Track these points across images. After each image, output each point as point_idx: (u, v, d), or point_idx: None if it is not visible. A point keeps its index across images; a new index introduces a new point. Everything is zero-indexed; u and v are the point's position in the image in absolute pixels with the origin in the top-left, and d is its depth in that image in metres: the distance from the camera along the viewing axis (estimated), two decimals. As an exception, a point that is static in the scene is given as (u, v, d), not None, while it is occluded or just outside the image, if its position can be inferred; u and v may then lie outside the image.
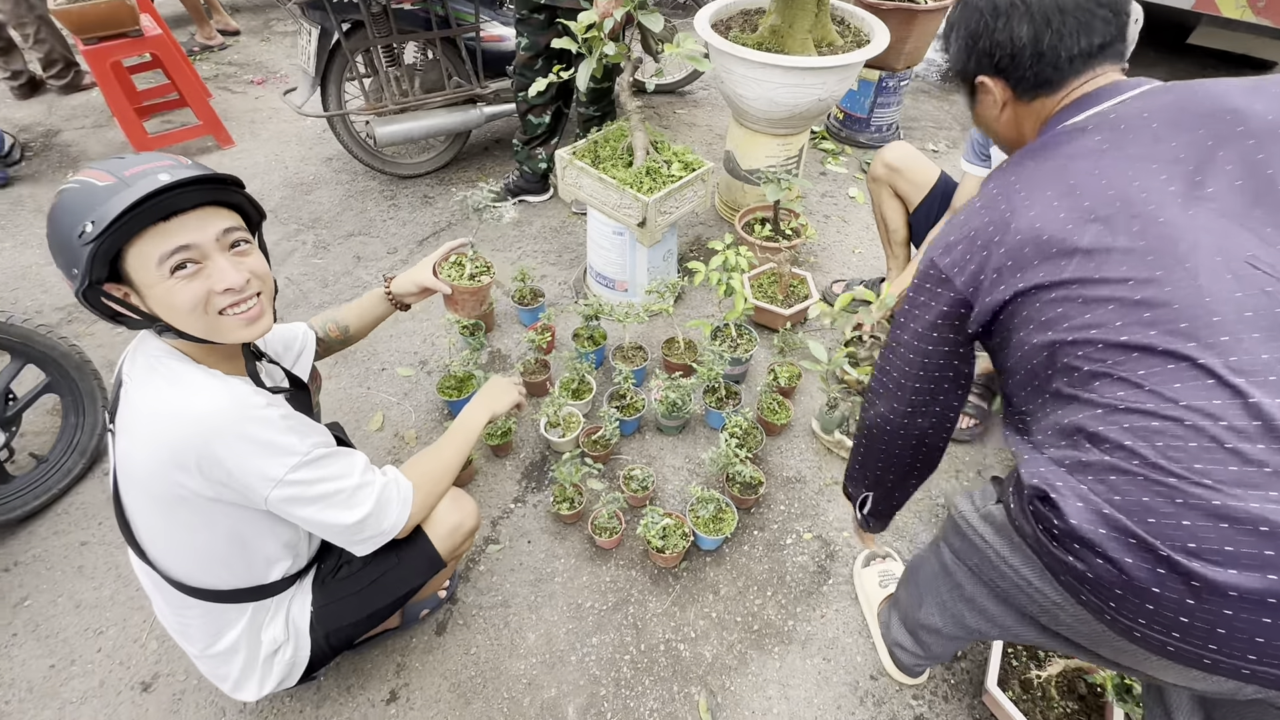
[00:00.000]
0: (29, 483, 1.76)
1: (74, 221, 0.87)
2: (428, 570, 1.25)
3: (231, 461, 0.95)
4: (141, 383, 0.97)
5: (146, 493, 1.00)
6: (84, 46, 2.80)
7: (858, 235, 2.81)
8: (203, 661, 1.17)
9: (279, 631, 1.18)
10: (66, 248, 0.89)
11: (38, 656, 1.52)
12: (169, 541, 1.05)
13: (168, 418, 0.94)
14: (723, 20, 2.61)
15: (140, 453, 0.96)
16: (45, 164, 3.21)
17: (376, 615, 1.25)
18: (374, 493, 1.10)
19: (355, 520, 1.07)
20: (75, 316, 2.40)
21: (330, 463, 1.05)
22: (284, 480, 0.99)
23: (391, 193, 3.02)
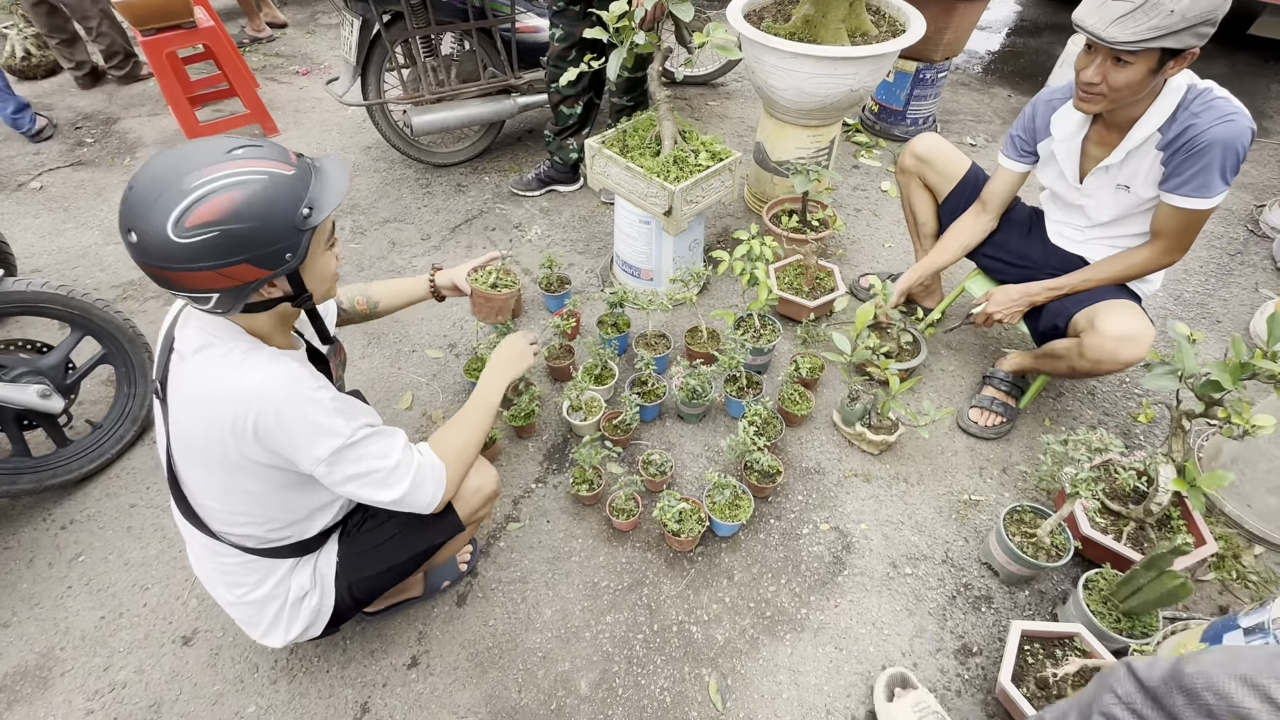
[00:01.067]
0: (85, 447, 1.88)
1: (289, 208, 0.94)
2: (448, 530, 1.31)
3: (284, 436, 1.01)
4: (202, 356, 1.01)
5: (204, 459, 1.06)
6: (142, 38, 2.94)
7: (889, 229, 2.78)
8: (237, 608, 1.24)
9: (306, 579, 1.25)
10: (281, 234, 0.94)
11: (90, 608, 1.63)
12: (224, 504, 1.12)
13: (229, 391, 0.98)
14: (755, 10, 2.59)
15: (200, 423, 1.02)
16: (105, 150, 3.38)
17: (396, 569, 1.31)
18: (410, 473, 1.15)
19: (392, 499, 1.14)
20: (130, 294, 2.53)
21: (372, 443, 1.10)
22: (327, 460, 1.05)
23: (426, 181, 3.10)
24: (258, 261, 0.93)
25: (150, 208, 0.87)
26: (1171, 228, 1.53)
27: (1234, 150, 1.38)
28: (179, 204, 0.87)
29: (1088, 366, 1.62)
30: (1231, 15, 4.03)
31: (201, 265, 0.90)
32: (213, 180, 0.88)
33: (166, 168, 0.89)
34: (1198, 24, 1.27)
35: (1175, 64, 1.34)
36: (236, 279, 0.93)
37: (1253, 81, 3.80)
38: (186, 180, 0.88)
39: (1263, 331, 2.23)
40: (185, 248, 0.88)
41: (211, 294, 0.94)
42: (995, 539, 1.61)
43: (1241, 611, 1.30)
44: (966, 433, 1.95)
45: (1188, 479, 1.45)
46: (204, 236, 0.88)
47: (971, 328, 2.24)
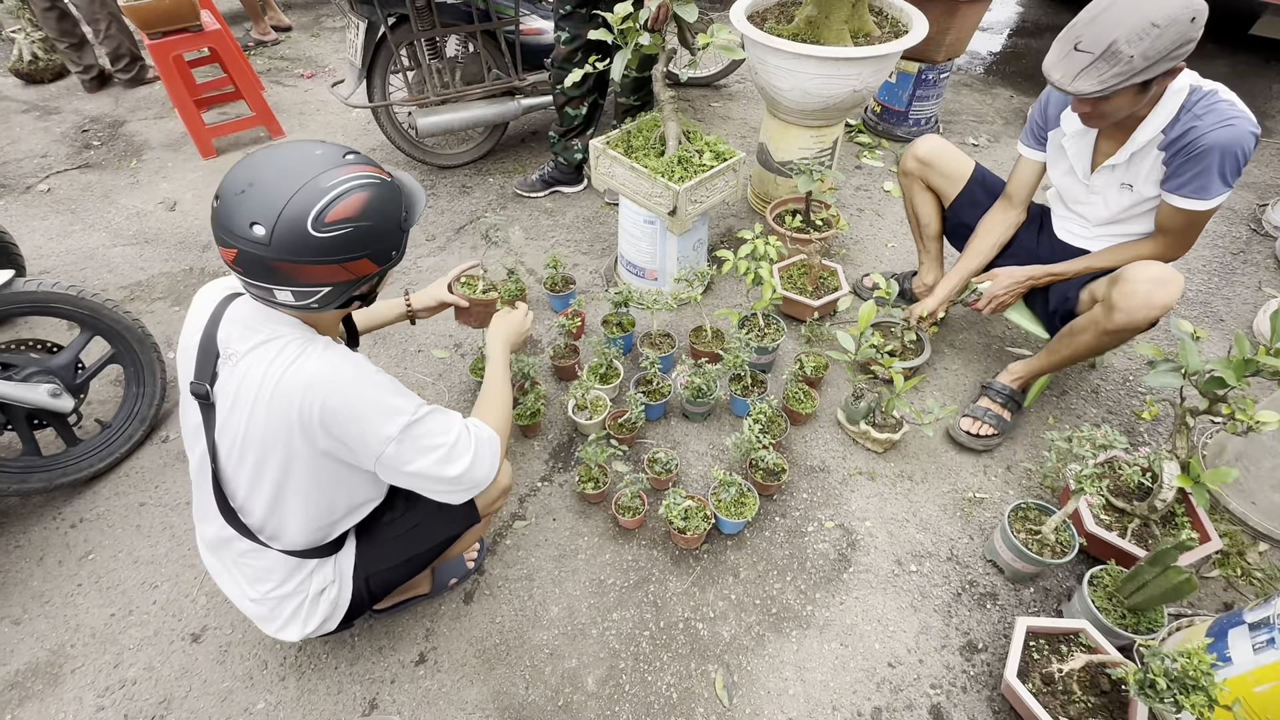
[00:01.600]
0: (94, 446, 1.89)
1: (397, 210, 1.04)
2: (464, 521, 1.33)
3: (351, 419, 1.03)
4: (257, 354, 1.03)
5: (261, 459, 1.06)
6: (149, 41, 2.96)
7: (892, 229, 2.79)
8: (261, 604, 1.24)
9: (329, 572, 1.26)
10: (389, 234, 1.03)
11: (99, 605, 1.64)
12: (271, 508, 1.13)
13: (293, 382, 1.01)
14: (759, 12, 2.61)
15: (260, 420, 1.02)
16: (112, 152, 3.40)
17: (414, 561, 1.32)
18: (471, 446, 1.17)
19: (458, 473, 1.14)
20: (137, 295, 2.55)
21: (433, 419, 1.13)
22: (397, 438, 1.07)
23: (431, 182, 3.11)
24: (375, 257, 1.02)
25: (288, 203, 0.92)
26: (1173, 226, 1.54)
27: (1233, 154, 1.39)
28: (320, 200, 0.93)
29: (1120, 321, 1.53)
30: (1233, 15, 4.07)
31: (331, 259, 0.97)
32: (346, 180, 0.96)
33: (295, 166, 0.94)
34: (1161, 59, 1.29)
35: (1161, 81, 1.35)
36: (355, 273, 1.01)
37: (1254, 81, 3.81)
38: (323, 179, 0.94)
39: (1266, 329, 2.23)
40: (323, 241, 0.94)
41: (322, 288, 1.00)
42: (1000, 536, 1.61)
43: (1246, 608, 1.30)
44: (955, 442, 1.91)
45: (1192, 475, 1.46)
46: (340, 232, 0.95)
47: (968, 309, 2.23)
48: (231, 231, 0.93)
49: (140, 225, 2.91)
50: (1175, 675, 1.11)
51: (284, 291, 1.00)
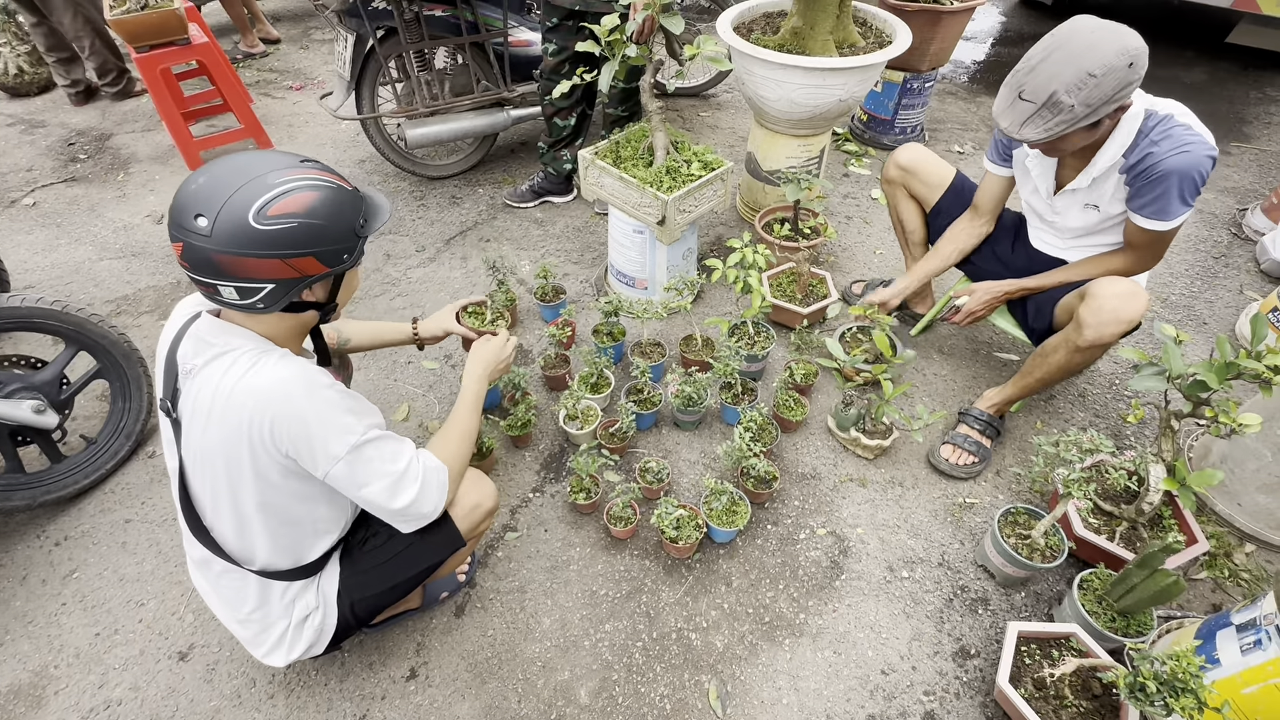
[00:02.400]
0: (79, 463, 1.87)
1: (352, 216, 1.05)
2: (448, 547, 1.31)
3: (301, 433, 1.03)
4: (212, 366, 1.03)
5: (219, 474, 1.06)
6: (136, 54, 2.96)
7: (879, 236, 2.81)
8: (245, 625, 1.24)
9: (312, 599, 1.25)
10: (342, 236, 1.04)
11: (84, 625, 1.61)
12: (236, 525, 1.12)
13: (244, 394, 1.00)
14: (745, 23, 2.64)
15: (215, 433, 1.02)
16: (99, 166, 3.39)
17: (398, 588, 1.31)
18: (418, 478, 1.16)
19: (402, 505, 1.15)
20: (123, 309, 2.53)
21: (382, 445, 1.12)
22: (345, 458, 1.06)
23: (421, 193, 3.11)
24: (321, 257, 1.02)
25: (231, 196, 0.93)
26: (1139, 242, 1.58)
27: (1190, 178, 1.42)
28: (263, 195, 0.94)
29: (1090, 338, 1.55)
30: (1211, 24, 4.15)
31: (273, 253, 0.96)
32: (294, 179, 0.98)
33: (244, 165, 0.97)
34: (1103, 104, 1.32)
35: (1113, 117, 1.37)
36: (299, 270, 1.01)
37: (1233, 88, 3.88)
38: (270, 177, 0.96)
39: (1248, 332, 2.26)
40: (263, 234, 0.95)
41: (266, 284, 0.99)
42: (990, 541, 1.62)
43: (1233, 609, 1.31)
44: (936, 469, 1.90)
45: (1178, 478, 1.47)
46: (282, 226, 0.96)
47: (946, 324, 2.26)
48: (179, 224, 0.95)
49: (127, 238, 2.89)
50: (1165, 678, 1.12)
51: (228, 288, 0.99)
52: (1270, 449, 1.64)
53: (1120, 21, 1.38)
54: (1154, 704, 1.13)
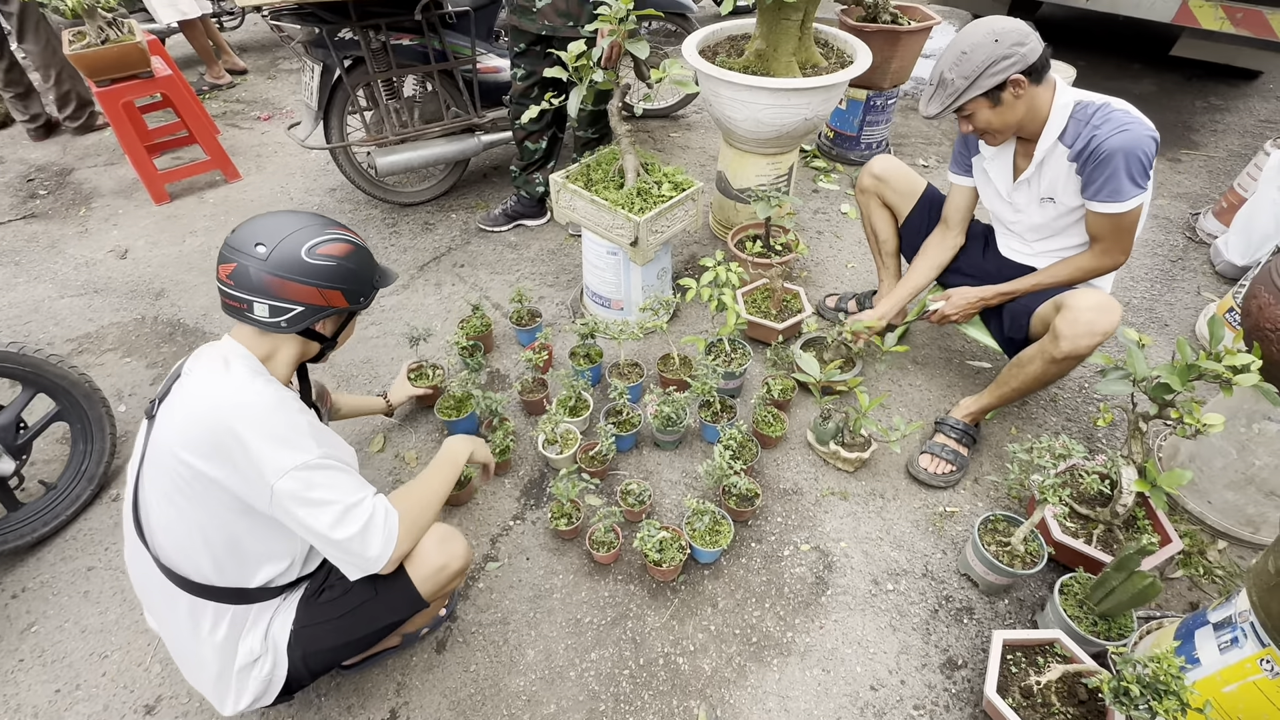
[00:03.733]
0: (38, 510, 1.80)
1: (372, 271, 1.29)
2: (407, 609, 1.25)
3: (250, 441, 1.04)
4: (204, 373, 1.12)
5: (162, 469, 1.09)
6: (97, 89, 2.91)
7: (850, 250, 2.85)
8: (183, 662, 1.20)
9: (256, 644, 1.19)
10: (363, 282, 1.26)
11: (43, 681, 1.54)
12: (170, 524, 1.11)
13: (208, 399, 1.07)
14: (710, 46, 2.69)
15: (168, 430, 1.08)
16: (59, 201, 3.31)
17: (353, 645, 1.26)
18: (364, 516, 1.12)
19: (341, 538, 1.10)
20: (85, 347, 2.46)
21: (334, 474, 1.11)
22: (290, 473, 1.05)
23: (393, 220, 3.09)
24: (346, 294, 1.22)
25: (291, 233, 1.15)
26: (1101, 231, 1.62)
27: (1135, 155, 1.48)
28: (316, 237, 1.18)
29: (1066, 349, 1.59)
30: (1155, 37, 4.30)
31: (312, 281, 1.16)
32: (341, 233, 1.23)
33: (299, 217, 1.19)
34: (981, 75, 1.52)
35: (1010, 90, 1.54)
36: (328, 300, 1.20)
37: (1179, 98, 4.05)
38: (322, 227, 1.20)
39: (1207, 333, 2.33)
40: (310, 265, 1.16)
41: (297, 306, 1.16)
42: (972, 549, 1.63)
43: (1210, 607, 1.33)
44: (915, 479, 1.91)
45: (1149, 479, 1.50)
46: (325, 263, 1.18)
47: (921, 328, 2.30)
48: (236, 249, 1.13)
49: (89, 275, 2.82)
50: (1147, 681, 1.12)
51: (263, 305, 1.14)
52: (1235, 446, 1.68)
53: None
54: (1138, 708, 1.13)
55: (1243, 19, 3.22)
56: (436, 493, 1.30)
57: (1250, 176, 2.67)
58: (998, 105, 1.56)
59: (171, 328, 2.54)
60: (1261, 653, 1.15)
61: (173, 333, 2.52)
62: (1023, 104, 1.56)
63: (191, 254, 2.93)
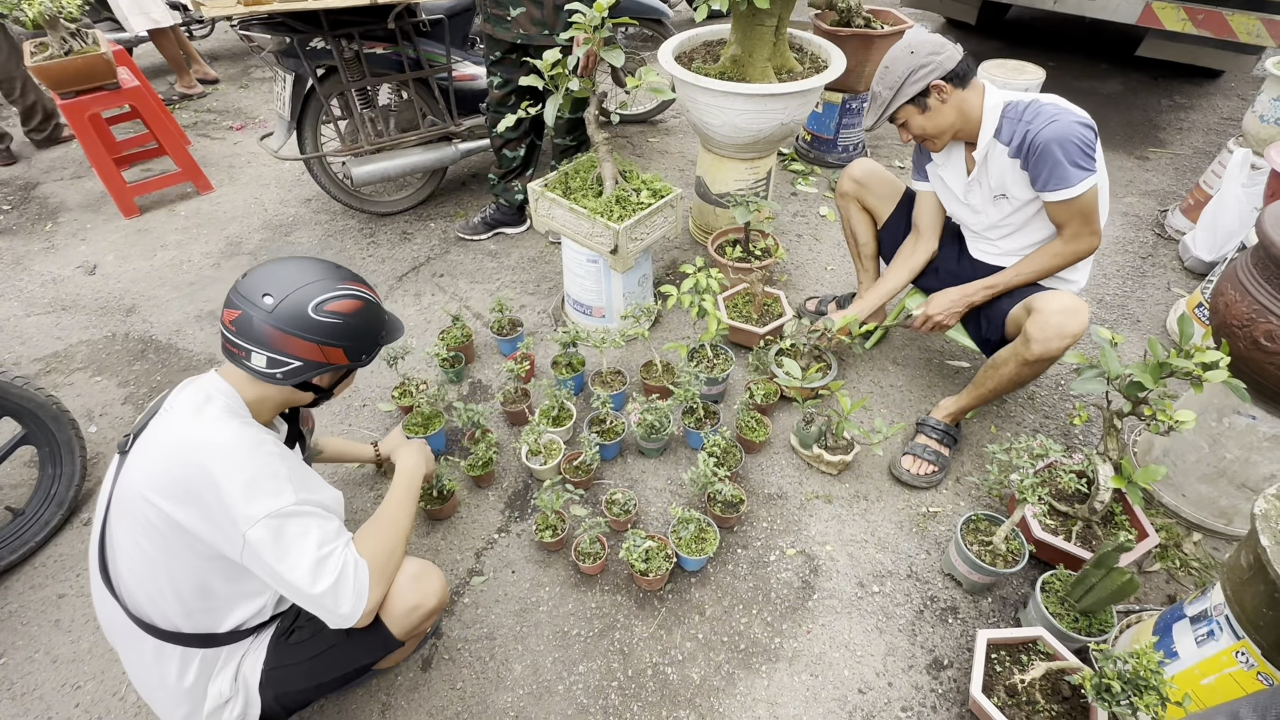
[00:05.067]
0: (5, 537, 1.74)
1: (379, 328, 1.27)
2: (379, 650, 1.23)
3: (223, 484, 1.01)
4: (183, 411, 1.09)
5: (129, 512, 1.05)
6: (61, 101, 2.85)
7: (830, 253, 2.87)
8: (152, 703, 1.16)
9: (225, 686, 1.16)
10: (368, 340, 1.24)
11: (13, 716, 1.49)
12: (137, 570, 1.08)
13: (180, 438, 1.05)
14: (686, 52, 2.69)
15: (138, 471, 1.05)
16: (24, 216, 3.23)
17: (325, 686, 1.24)
18: (334, 571, 1.08)
19: (314, 593, 1.07)
20: (54, 367, 2.39)
21: (307, 522, 1.08)
22: (262, 521, 1.02)
23: (370, 230, 3.06)
24: (348, 352, 1.20)
25: (300, 288, 1.13)
26: (1062, 218, 1.65)
27: (1069, 142, 1.53)
28: (325, 293, 1.15)
29: (1038, 352, 1.62)
30: (1121, 38, 4.39)
31: (315, 338, 1.14)
32: (350, 288, 1.19)
33: (313, 268, 1.17)
34: (903, 84, 1.64)
35: (934, 95, 1.65)
36: (329, 358, 1.17)
37: (1146, 97, 4.14)
38: (333, 282, 1.17)
39: (1176, 329, 2.38)
40: (315, 322, 1.13)
41: (295, 361, 1.14)
42: (955, 549, 1.65)
43: (1186, 600, 1.36)
44: (899, 481, 1.93)
45: (1125, 475, 1.52)
46: (330, 320, 1.15)
47: (902, 333, 2.32)
48: (244, 296, 1.11)
49: (56, 292, 2.75)
50: (1128, 677, 1.14)
51: (260, 356, 1.12)
52: (1207, 441, 1.72)
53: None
54: (1120, 704, 1.15)
55: (1204, 20, 3.30)
56: (402, 529, 1.26)
57: (1215, 174, 2.73)
58: (926, 111, 1.67)
59: (143, 345, 2.48)
60: (1236, 645, 1.18)
61: (144, 350, 2.46)
62: (951, 108, 1.66)
63: (163, 268, 2.87)
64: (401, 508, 1.30)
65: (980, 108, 1.67)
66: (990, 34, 5.09)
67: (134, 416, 2.20)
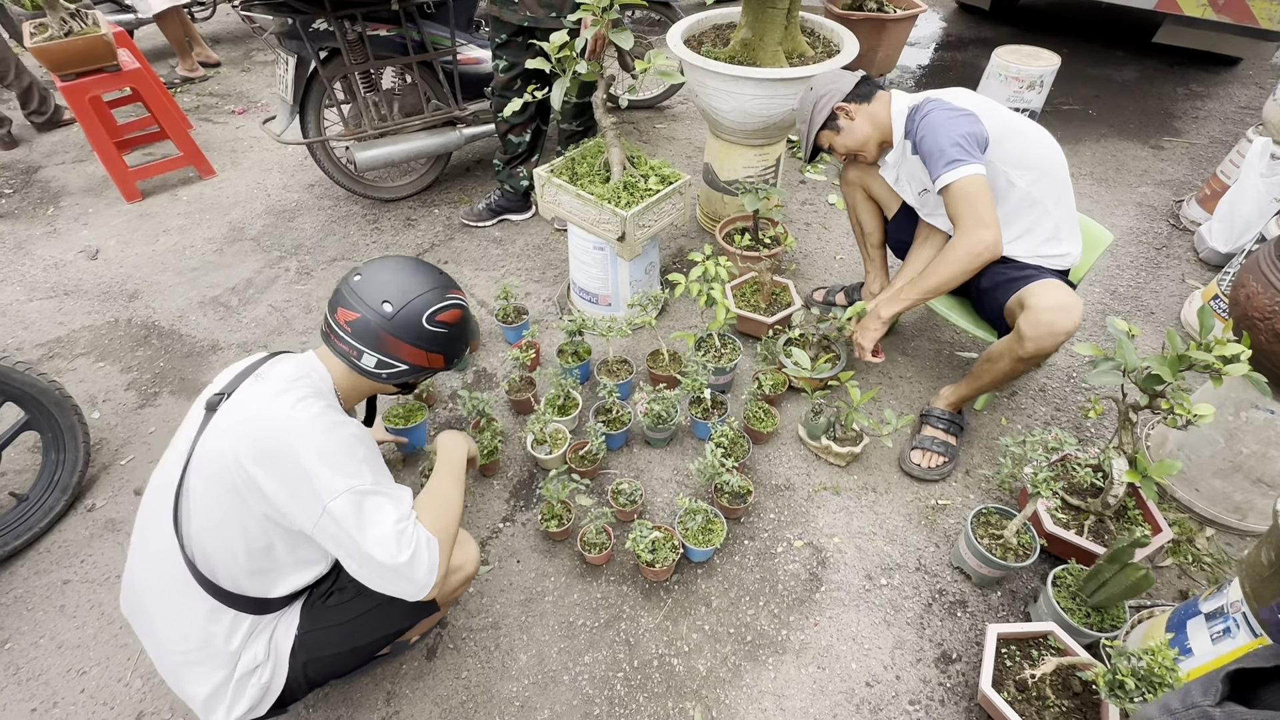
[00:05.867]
0: (9, 522, 1.74)
1: (472, 336, 1.37)
2: (418, 613, 1.25)
3: (307, 461, 1.04)
4: (275, 384, 1.13)
5: (217, 469, 1.08)
6: (61, 83, 2.81)
7: (838, 241, 2.84)
8: (178, 670, 1.14)
9: (260, 651, 1.17)
10: (462, 347, 1.33)
11: (19, 700, 1.49)
12: (213, 523, 1.09)
13: (268, 414, 1.08)
14: (695, 35, 2.64)
15: (229, 433, 1.08)
16: (26, 200, 3.21)
17: (359, 651, 1.24)
18: (410, 544, 1.09)
19: (395, 563, 1.07)
20: (56, 352, 2.38)
21: (383, 500, 1.09)
22: (343, 495, 1.04)
23: (374, 216, 3.03)
24: (446, 358, 1.29)
25: (418, 297, 1.21)
26: (950, 211, 1.64)
27: (940, 132, 1.59)
28: (438, 303, 1.24)
29: (1031, 350, 1.60)
30: (1138, 24, 4.32)
31: (423, 345, 1.23)
32: (455, 298, 1.28)
33: (426, 275, 1.25)
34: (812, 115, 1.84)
35: (842, 117, 1.83)
36: (431, 363, 1.27)
37: (1161, 85, 4.06)
38: (442, 291, 1.25)
39: (1193, 320, 2.35)
40: (427, 332, 1.23)
41: (403, 364, 1.23)
42: (964, 542, 1.63)
43: (1200, 597, 1.34)
44: (909, 475, 1.90)
45: (1139, 470, 1.50)
46: (441, 330, 1.25)
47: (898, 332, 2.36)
48: (364, 301, 1.18)
49: (59, 276, 2.74)
50: (1142, 674, 1.12)
51: (372, 357, 1.20)
52: (1223, 435, 1.69)
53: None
54: (1133, 700, 1.13)
55: (1225, 6, 3.23)
56: (456, 511, 1.27)
57: (1233, 163, 2.68)
58: (840, 131, 1.84)
59: (146, 330, 2.47)
60: (1254, 643, 1.16)
61: (148, 335, 2.45)
62: (861, 122, 1.82)
63: (165, 253, 2.85)
64: (453, 489, 1.31)
65: (888, 115, 1.79)
66: (1004, 19, 5.00)
67: (137, 402, 2.19)
